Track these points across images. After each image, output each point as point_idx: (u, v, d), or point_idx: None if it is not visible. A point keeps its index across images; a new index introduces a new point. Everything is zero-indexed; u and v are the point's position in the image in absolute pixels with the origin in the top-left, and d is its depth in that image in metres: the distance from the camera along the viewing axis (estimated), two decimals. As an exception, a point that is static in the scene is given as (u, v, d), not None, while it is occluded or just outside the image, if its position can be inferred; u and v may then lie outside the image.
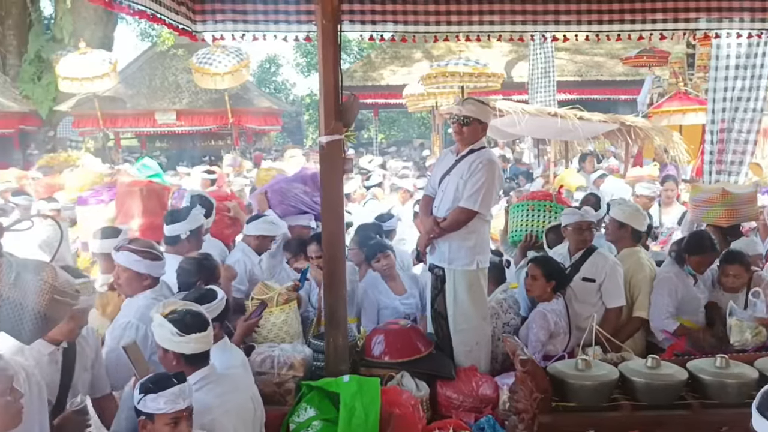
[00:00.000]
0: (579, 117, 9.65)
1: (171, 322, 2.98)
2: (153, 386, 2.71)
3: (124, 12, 4.10)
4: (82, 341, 3.36)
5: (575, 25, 5.25)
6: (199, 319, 3.05)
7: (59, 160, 13.86)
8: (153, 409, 2.68)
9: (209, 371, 3.09)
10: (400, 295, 5.09)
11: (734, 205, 5.57)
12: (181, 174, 13.32)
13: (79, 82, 16.01)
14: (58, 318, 2.66)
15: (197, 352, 3.03)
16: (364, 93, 20.76)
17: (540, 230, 5.40)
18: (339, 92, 4.00)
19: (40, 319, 2.50)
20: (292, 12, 5.12)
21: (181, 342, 2.98)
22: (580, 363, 3.32)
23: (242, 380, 3.37)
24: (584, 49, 22.14)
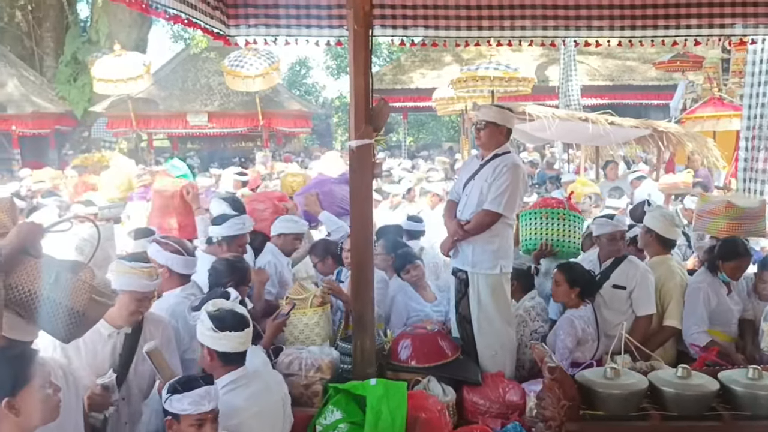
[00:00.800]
0: (610, 122, 9.56)
1: (210, 318, 3.05)
2: (180, 387, 2.77)
3: (161, 17, 4.18)
4: (151, 329, 3.42)
5: (608, 30, 5.22)
6: (238, 319, 3.10)
7: (93, 160, 14.12)
8: (178, 409, 2.72)
9: (242, 373, 3.14)
10: (431, 302, 5.09)
11: (738, 219, 5.42)
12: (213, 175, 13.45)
13: (113, 84, 16.29)
14: (97, 317, 2.71)
15: (231, 351, 3.07)
16: (393, 96, 20.79)
17: (555, 238, 5.28)
18: (369, 97, 4.02)
19: (79, 319, 2.56)
20: (323, 17, 5.18)
21: (214, 338, 3.04)
22: (609, 371, 3.29)
23: (273, 380, 3.41)
24: (616, 53, 21.90)
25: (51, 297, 2.50)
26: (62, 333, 2.57)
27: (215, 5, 4.90)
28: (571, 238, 5.30)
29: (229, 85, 17.35)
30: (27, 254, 2.54)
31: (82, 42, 21.45)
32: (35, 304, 2.50)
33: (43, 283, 2.50)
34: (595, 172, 12.52)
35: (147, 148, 21.01)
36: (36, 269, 2.53)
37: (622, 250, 4.89)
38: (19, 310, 2.52)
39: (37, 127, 19.48)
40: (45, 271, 2.53)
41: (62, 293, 2.52)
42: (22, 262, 2.51)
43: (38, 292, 2.50)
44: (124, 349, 3.31)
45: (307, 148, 25.62)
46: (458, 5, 5.26)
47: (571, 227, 5.29)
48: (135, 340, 3.36)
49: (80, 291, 2.55)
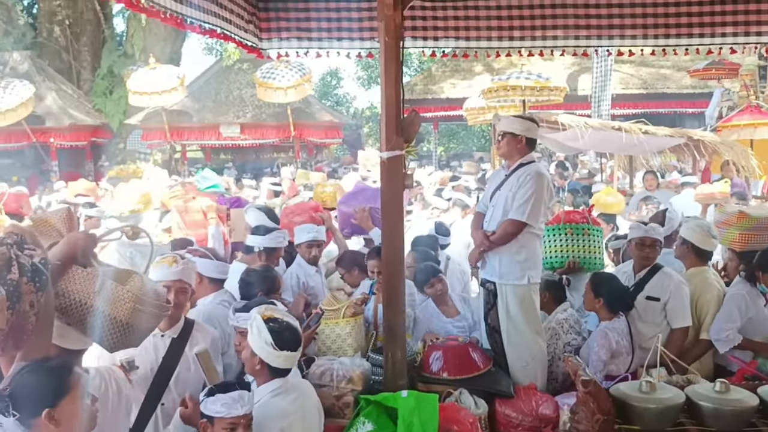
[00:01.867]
0: (644, 131, 9.45)
1: (270, 331, 3.04)
2: (216, 389, 2.82)
3: (196, 31, 4.25)
4: (198, 337, 3.47)
5: (641, 39, 5.18)
6: (295, 338, 3.13)
7: (128, 171, 14.39)
8: (212, 411, 2.76)
9: (285, 381, 3.17)
10: (452, 317, 5.02)
11: (750, 229, 5.28)
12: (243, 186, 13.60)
13: (148, 96, 16.64)
14: (148, 327, 2.76)
15: (283, 367, 3.11)
16: (424, 106, 20.82)
17: (580, 255, 5.18)
18: (401, 108, 4.03)
19: (123, 328, 2.60)
20: (355, 29, 5.22)
21: (271, 354, 3.04)
22: (645, 385, 3.25)
23: (309, 387, 3.45)
24: (650, 61, 21.64)
25: (96, 306, 2.56)
26: (107, 342, 2.62)
27: (249, 19, 4.97)
28: (595, 254, 5.23)
29: (261, 96, 17.59)
30: (77, 263, 2.60)
31: (118, 56, 21.91)
32: (82, 314, 2.57)
33: (89, 292, 2.56)
34: (629, 181, 12.38)
35: (181, 160, 21.33)
36: (84, 278, 2.59)
37: (651, 258, 4.82)
38: (67, 319, 2.59)
39: (75, 139, 19.89)
40: (92, 280, 2.59)
41: (105, 302, 2.57)
42: (71, 271, 2.58)
43: (85, 301, 2.56)
44: (169, 354, 3.34)
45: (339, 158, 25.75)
46: (489, 16, 5.27)
47: (594, 242, 5.22)
48: (181, 346, 3.40)
49: (123, 300, 2.60)
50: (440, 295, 5.03)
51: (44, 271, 2.39)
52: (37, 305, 2.35)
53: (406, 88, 4.12)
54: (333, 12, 5.32)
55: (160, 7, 3.78)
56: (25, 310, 2.32)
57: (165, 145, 20.34)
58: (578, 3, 5.19)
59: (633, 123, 9.75)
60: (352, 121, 32.03)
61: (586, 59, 18.82)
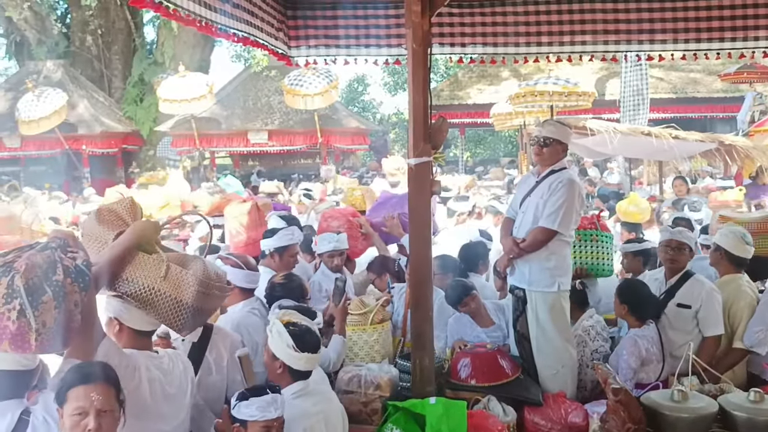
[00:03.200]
0: (674, 136, 9.33)
1: (291, 335, 3.08)
2: (248, 393, 2.85)
3: (230, 39, 4.32)
4: (218, 342, 3.51)
5: (671, 44, 5.13)
6: (316, 340, 3.17)
7: (158, 178, 14.58)
8: (246, 415, 2.79)
9: (307, 383, 3.20)
10: (487, 327, 4.90)
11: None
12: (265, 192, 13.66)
13: (178, 104, 16.87)
14: (209, 309, 2.93)
15: (304, 369, 3.14)
16: (450, 112, 20.79)
17: (588, 262, 5.10)
18: (428, 114, 4.04)
19: (189, 310, 2.76)
20: (382, 36, 5.25)
21: (293, 356, 3.08)
22: (677, 394, 3.21)
23: (330, 394, 3.48)
24: (680, 65, 21.37)
25: (162, 290, 2.71)
26: (175, 324, 2.77)
27: (278, 27, 5.04)
28: (604, 260, 5.14)
29: (289, 103, 17.72)
30: (143, 250, 2.75)
31: (148, 64, 22.24)
32: (151, 298, 2.72)
33: (156, 277, 2.71)
34: (659, 187, 12.23)
35: (210, 166, 21.55)
36: (151, 264, 2.74)
37: (677, 261, 4.75)
38: (137, 303, 2.74)
39: (106, 146, 20.23)
40: (158, 266, 2.73)
41: (172, 286, 2.72)
42: (139, 257, 2.73)
43: (152, 285, 2.71)
44: (189, 358, 3.37)
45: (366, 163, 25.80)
46: (517, 22, 5.26)
47: (603, 249, 5.13)
48: (201, 351, 3.44)
49: (188, 284, 2.74)
50: (475, 311, 4.88)
51: (87, 272, 2.51)
52: (81, 304, 2.47)
53: (433, 94, 4.12)
54: (361, 19, 5.36)
55: (195, 15, 3.85)
56: (71, 309, 2.44)
57: (194, 152, 20.55)
58: (607, 8, 5.16)
59: (663, 128, 9.63)
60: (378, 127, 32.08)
61: (614, 64, 18.69)
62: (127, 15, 22.37)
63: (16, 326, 2.36)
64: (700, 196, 10.33)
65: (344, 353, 4.21)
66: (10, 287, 2.36)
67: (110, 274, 2.69)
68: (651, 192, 12.01)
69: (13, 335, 2.36)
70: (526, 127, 15.07)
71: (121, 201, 2.99)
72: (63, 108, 18.31)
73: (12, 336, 2.36)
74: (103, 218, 2.84)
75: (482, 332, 4.88)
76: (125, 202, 2.95)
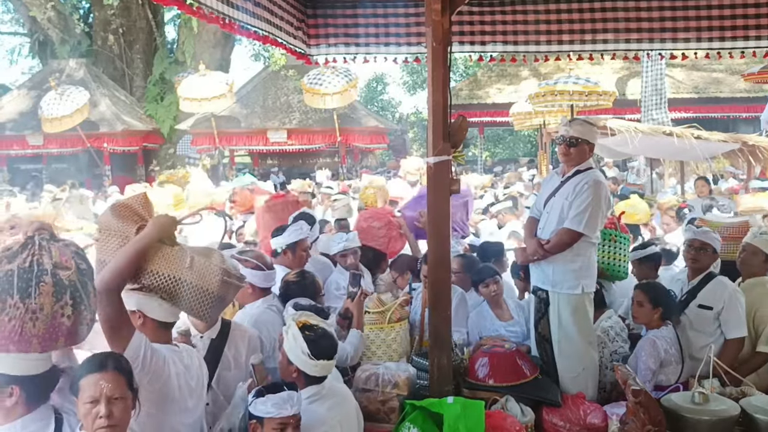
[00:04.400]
0: (696, 136, 9.23)
1: (306, 341, 3.07)
2: (265, 390, 2.86)
3: (251, 37, 4.34)
4: (236, 338, 3.53)
5: (694, 42, 5.07)
6: (331, 346, 3.16)
7: (178, 176, 14.69)
8: (262, 412, 2.79)
9: (322, 387, 3.19)
10: (506, 321, 4.94)
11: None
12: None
13: (198, 103, 17.00)
14: (229, 298, 2.99)
15: (319, 375, 3.14)
16: (469, 111, 20.75)
17: (605, 262, 4.99)
18: (448, 113, 4.02)
19: (214, 299, 2.82)
20: (402, 34, 5.24)
21: (308, 363, 3.07)
22: (697, 396, 3.16)
23: (347, 393, 3.47)
24: (702, 64, 21.17)
25: (188, 280, 2.77)
26: (201, 313, 2.82)
27: (298, 25, 5.05)
28: (620, 261, 5.05)
29: (308, 102, 17.77)
30: (163, 243, 2.80)
31: (169, 63, 22.41)
32: (175, 288, 2.77)
33: (181, 267, 2.76)
34: (680, 187, 12.11)
35: (229, 165, 21.67)
36: (175, 256, 2.79)
37: (699, 261, 4.69)
38: (162, 294, 2.79)
39: (127, 144, 20.41)
40: (180, 257, 2.79)
41: (197, 276, 2.78)
42: (162, 250, 2.78)
43: (177, 276, 2.77)
44: (209, 355, 3.39)
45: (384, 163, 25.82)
46: (538, 20, 5.23)
47: (620, 250, 5.04)
48: (220, 347, 3.45)
49: (213, 273, 2.81)
50: (495, 297, 4.92)
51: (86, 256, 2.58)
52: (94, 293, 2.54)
53: (452, 93, 4.10)
54: (380, 17, 5.36)
55: (218, 13, 3.88)
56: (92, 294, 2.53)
57: (214, 151, 20.69)
58: (629, 6, 5.11)
59: (685, 128, 9.54)
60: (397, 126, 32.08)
61: (635, 63, 18.53)
62: (149, 14, 22.56)
63: (72, 321, 2.39)
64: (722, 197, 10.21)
65: (362, 348, 4.21)
66: (57, 284, 2.37)
67: (137, 266, 2.73)
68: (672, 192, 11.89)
69: (69, 330, 2.39)
70: (546, 127, 14.99)
71: (135, 197, 3.02)
72: (85, 106, 18.51)
73: (68, 331, 2.39)
74: (119, 214, 2.88)
75: (501, 326, 4.88)
76: (139, 198, 2.99)
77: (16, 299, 2.30)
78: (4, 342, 2.31)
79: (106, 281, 2.63)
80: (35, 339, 2.32)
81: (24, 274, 2.34)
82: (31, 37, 24.68)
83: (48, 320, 2.33)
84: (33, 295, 2.31)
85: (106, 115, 20.27)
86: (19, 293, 2.31)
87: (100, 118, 20.08)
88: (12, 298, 2.30)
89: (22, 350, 2.33)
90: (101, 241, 2.87)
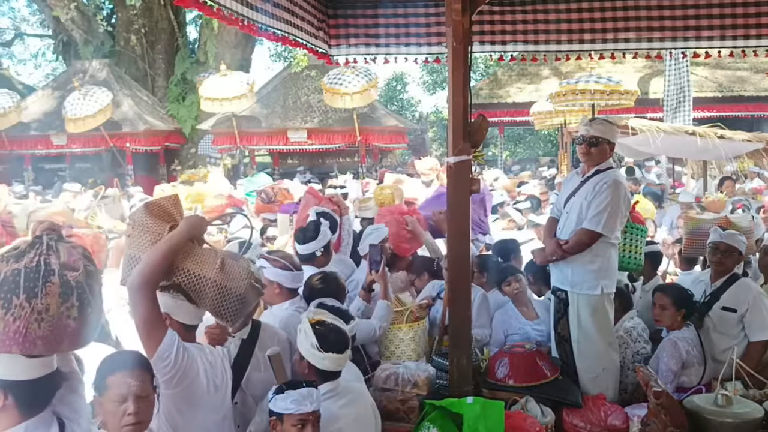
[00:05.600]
0: (719, 135, 9.12)
1: (316, 334, 3.11)
2: (284, 386, 2.89)
3: (270, 38, 4.36)
4: (265, 339, 3.55)
5: (718, 41, 5.01)
6: (342, 340, 3.18)
7: (199, 175, 14.82)
8: (282, 408, 2.81)
9: (336, 384, 3.21)
10: (532, 320, 4.92)
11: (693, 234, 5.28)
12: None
13: (219, 103, 17.11)
14: (253, 302, 3.03)
15: (330, 369, 3.15)
16: (489, 110, 20.62)
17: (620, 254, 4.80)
18: (468, 113, 4.02)
19: (240, 301, 2.85)
20: (422, 34, 5.25)
21: (317, 356, 3.10)
22: (720, 398, 3.14)
23: (363, 391, 3.48)
24: (726, 63, 20.87)
25: (217, 281, 2.79)
26: (226, 314, 2.84)
27: (319, 26, 5.07)
28: (634, 253, 4.92)
29: (328, 102, 17.81)
30: (194, 243, 2.85)
31: (190, 63, 22.56)
32: (203, 287, 2.79)
33: (212, 267, 2.79)
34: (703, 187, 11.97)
35: (250, 164, 21.78)
36: (205, 255, 2.83)
37: (725, 264, 4.64)
38: (189, 294, 2.82)
39: (149, 144, 20.58)
40: (211, 257, 2.82)
41: (227, 278, 2.81)
42: (191, 249, 2.81)
43: (205, 275, 2.78)
44: (239, 355, 3.42)
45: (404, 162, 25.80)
46: (559, 19, 5.21)
47: (634, 241, 4.92)
48: (251, 348, 3.48)
49: (242, 276, 2.84)
50: (518, 295, 4.91)
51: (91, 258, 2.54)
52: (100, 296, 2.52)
53: (472, 92, 4.09)
54: (401, 17, 5.37)
55: (238, 15, 3.90)
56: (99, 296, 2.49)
57: (235, 150, 20.80)
58: (652, 4, 5.07)
59: (708, 127, 9.42)
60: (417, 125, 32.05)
61: (658, 62, 18.35)
62: (170, 15, 22.72)
63: (77, 322, 2.32)
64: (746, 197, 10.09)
65: (390, 317, 4.25)
66: (65, 285, 2.30)
67: (170, 264, 2.77)
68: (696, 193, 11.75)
69: (74, 332, 2.32)
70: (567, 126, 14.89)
71: (167, 197, 3.08)
72: (108, 106, 18.71)
73: (73, 333, 2.32)
74: (153, 212, 2.92)
75: (527, 324, 4.86)
76: (172, 199, 3.05)
77: (22, 299, 2.21)
78: (8, 343, 2.21)
79: (143, 276, 2.68)
80: (40, 340, 2.22)
81: (30, 274, 2.25)
82: (56, 39, 24.96)
83: (53, 321, 2.25)
84: (39, 295, 2.23)
85: (128, 115, 20.45)
86: (25, 293, 2.22)
87: (122, 118, 20.26)
88: (18, 297, 2.21)
89: (26, 351, 2.23)
90: (133, 237, 2.91)
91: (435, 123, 37.60)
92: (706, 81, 20.86)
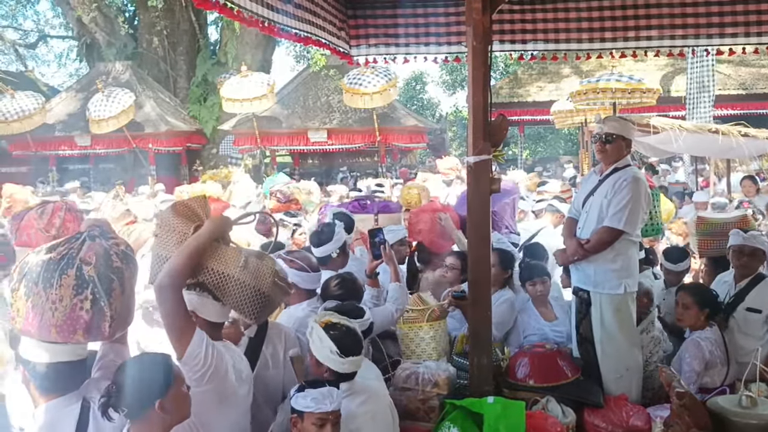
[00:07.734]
0: (743, 134, 9.00)
1: (333, 339, 3.10)
2: (306, 385, 2.91)
3: (292, 39, 4.38)
4: (273, 337, 3.58)
5: (743, 37, 4.96)
6: (358, 340, 3.19)
7: (220, 176, 14.91)
8: (302, 406, 2.83)
9: (353, 383, 3.22)
10: (551, 321, 4.89)
11: (708, 235, 5.16)
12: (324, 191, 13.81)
13: (240, 103, 17.23)
14: (278, 301, 3.07)
15: (349, 372, 3.16)
16: (509, 110, 20.51)
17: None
18: (488, 112, 4.01)
19: (265, 300, 2.90)
20: (442, 34, 5.24)
21: (338, 362, 3.10)
22: (745, 399, 3.11)
23: (380, 389, 3.50)
24: (750, 60, 20.57)
25: (241, 279, 2.84)
26: (252, 313, 2.89)
27: (340, 26, 5.09)
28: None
29: (348, 102, 17.84)
30: (218, 242, 2.89)
31: (212, 64, 22.70)
32: (228, 286, 2.84)
33: (237, 266, 2.84)
34: (726, 186, 11.83)
35: (270, 164, 21.87)
36: (231, 254, 2.88)
37: (750, 267, 4.59)
38: (214, 292, 2.87)
39: (171, 144, 20.75)
40: (236, 256, 2.88)
41: (251, 276, 2.86)
42: (215, 248, 2.86)
43: (230, 274, 2.84)
44: (247, 353, 3.43)
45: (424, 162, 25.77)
46: (579, 18, 5.17)
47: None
48: (258, 345, 3.50)
49: (266, 274, 2.90)
50: (540, 297, 4.90)
51: (132, 256, 2.68)
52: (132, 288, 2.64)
53: (492, 91, 4.09)
54: (420, 17, 5.37)
55: (259, 17, 3.93)
56: (130, 294, 2.64)
57: (255, 151, 20.91)
58: (674, 1, 5.02)
59: (731, 125, 9.31)
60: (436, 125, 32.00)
61: (681, 60, 18.14)
62: (192, 16, 22.89)
63: (90, 315, 2.47)
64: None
65: (405, 299, 4.25)
66: (80, 278, 2.47)
67: (196, 263, 2.81)
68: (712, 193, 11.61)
69: (87, 324, 2.47)
70: (588, 125, 14.78)
71: (194, 198, 3.14)
72: (131, 108, 18.91)
73: (86, 325, 2.47)
74: (179, 212, 2.97)
75: (546, 326, 4.84)
76: (200, 199, 3.11)
77: (40, 288, 2.43)
78: (27, 327, 2.45)
79: (170, 276, 2.70)
80: (54, 328, 2.43)
81: (52, 265, 2.46)
82: (79, 41, 25.25)
83: (66, 311, 2.43)
84: (55, 285, 2.43)
85: (150, 116, 20.63)
86: (43, 282, 2.44)
87: (145, 119, 20.45)
88: (37, 286, 2.44)
89: (43, 337, 2.45)
90: (161, 237, 2.96)
91: (455, 122, 37.52)
92: (730, 78, 20.60)
